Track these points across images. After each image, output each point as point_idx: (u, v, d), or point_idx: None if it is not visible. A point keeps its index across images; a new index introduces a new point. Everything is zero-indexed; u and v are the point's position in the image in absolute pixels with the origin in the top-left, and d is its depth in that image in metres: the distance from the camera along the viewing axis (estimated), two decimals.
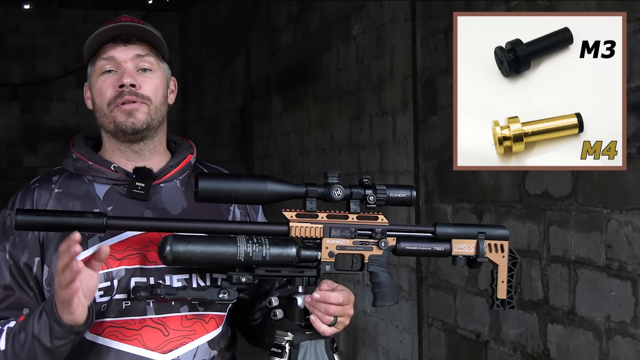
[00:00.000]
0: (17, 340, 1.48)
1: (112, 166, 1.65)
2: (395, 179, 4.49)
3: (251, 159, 7.55)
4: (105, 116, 1.64)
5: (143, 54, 1.64)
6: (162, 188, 1.66)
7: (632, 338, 2.67)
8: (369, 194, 1.54)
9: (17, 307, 1.57)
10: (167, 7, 9.96)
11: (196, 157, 1.76)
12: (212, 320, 1.65)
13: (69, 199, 1.61)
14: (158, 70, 1.67)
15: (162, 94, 1.67)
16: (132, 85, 1.60)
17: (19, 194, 1.64)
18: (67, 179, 1.65)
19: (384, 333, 4.75)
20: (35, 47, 9.82)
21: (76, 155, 1.67)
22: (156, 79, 1.65)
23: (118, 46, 1.63)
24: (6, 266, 1.58)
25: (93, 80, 1.66)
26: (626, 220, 2.68)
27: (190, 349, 1.61)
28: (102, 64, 1.63)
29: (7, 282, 1.58)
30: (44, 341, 1.45)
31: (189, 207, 1.67)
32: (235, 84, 8.12)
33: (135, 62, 1.63)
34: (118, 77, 1.62)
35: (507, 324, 3.40)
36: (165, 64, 1.71)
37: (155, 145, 1.69)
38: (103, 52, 1.63)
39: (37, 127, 9.84)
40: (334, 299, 1.53)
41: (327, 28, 5.48)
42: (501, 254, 1.63)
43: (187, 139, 1.80)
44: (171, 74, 1.74)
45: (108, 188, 1.63)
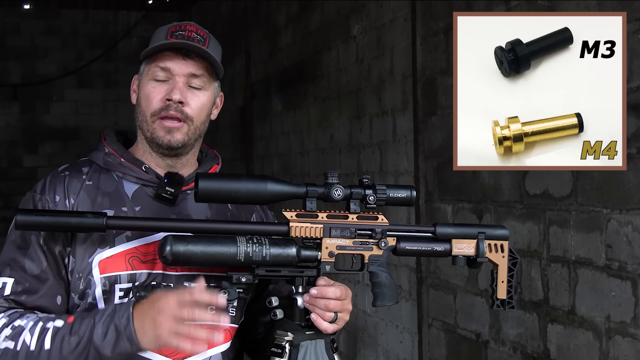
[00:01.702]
0: (67, 343, 1.46)
1: (143, 166, 1.65)
2: (395, 179, 4.49)
3: (251, 159, 7.55)
4: (146, 123, 1.64)
5: (198, 73, 1.64)
6: (189, 195, 1.66)
7: (632, 338, 2.67)
8: (369, 194, 1.54)
9: (52, 295, 1.56)
10: (167, 7, 9.95)
11: (221, 167, 1.77)
12: (226, 332, 1.65)
13: (99, 193, 1.61)
14: (208, 89, 1.67)
15: (207, 113, 1.68)
16: (179, 101, 1.61)
17: (47, 179, 1.62)
18: (97, 172, 1.64)
19: (384, 333, 4.75)
20: (35, 47, 9.81)
21: (108, 149, 1.66)
22: (204, 97, 1.66)
23: (176, 58, 1.62)
24: (41, 251, 1.56)
25: (143, 82, 1.65)
26: (626, 220, 2.68)
27: (204, 358, 1.61)
28: (155, 71, 1.63)
29: (44, 266, 1.55)
30: (105, 352, 1.44)
31: (212, 216, 1.68)
32: (235, 84, 8.12)
33: (188, 78, 1.63)
34: (168, 88, 1.61)
35: (507, 324, 3.40)
36: (217, 82, 1.71)
37: (188, 159, 1.70)
38: (160, 59, 1.62)
39: (37, 127, 9.84)
40: (332, 293, 1.53)
41: (327, 28, 5.48)
42: (501, 254, 1.64)
43: (213, 149, 1.82)
44: (220, 91, 1.74)
45: (137, 187, 1.63)
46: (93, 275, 1.55)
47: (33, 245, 1.55)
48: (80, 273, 1.56)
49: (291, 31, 6.30)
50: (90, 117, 9.72)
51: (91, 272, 1.55)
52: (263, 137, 7.19)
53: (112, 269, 1.55)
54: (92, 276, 1.55)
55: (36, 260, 1.55)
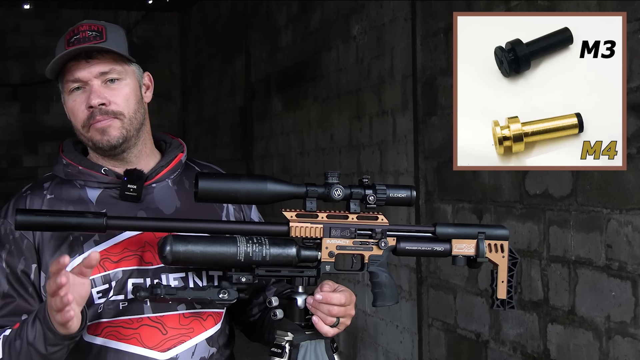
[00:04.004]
0: (14, 348, 1.50)
1: (102, 169, 1.65)
2: (395, 179, 4.49)
3: (251, 159, 7.55)
4: (82, 135, 1.65)
5: (107, 69, 1.62)
6: (154, 188, 1.66)
7: (632, 338, 2.67)
8: (369, 194, 1.54)
9: (17, 313, 1.58)
10: (167, 7, 9.96)
11: (187, 155, 1.76)
12: (210, 317, 1.65)
13: (62, 204, 1.61)
14: (127, 76, 1.65)
15: (135, 100, 1.65)
16: (101, 104, 1.60)
17: (11, 202, 1.64)
18: (58, 184, 1.65)
19: (384, 333, 4.75)
20: (35, 47, 9.81)
21: (66, 160, 1.67)
22: (125, 88, 1.64)
23: (80, 64, 1.61)
24: (3, 274, 1.58)
25: (64, 98, 1.66)
26: (626, 220, 2.68)
27: (188, 347, 1.61)
28: (69, 85, 1.63)
29: (5, 290, 1.58)
30: (39, 348, 1.46)
31: (182, 206, 1.67)
32: (235, 84, 8.11)
33: (100, 78, 1.62)
34: (87, 95, 1.61)
35: (507, 324, 3.40)
36: (135, 65, 1.67)
37: (140, 150, 1.68)
38: (68, 72, 1.62)
39: (37, 127, 9.84)
40: (337, 299, 1.53)
41: (327, 28, 5.48)
42: (501, 254, 1.63)
43: (177, 138, 1.80)
44: (143, 71, 1.70)
45: (100, 192, 1.64)
46: None
47: None
48: None
49: (291, 31, 6.30)
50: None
51: None
52: (263, 137, 7.19)
53: None
54: None
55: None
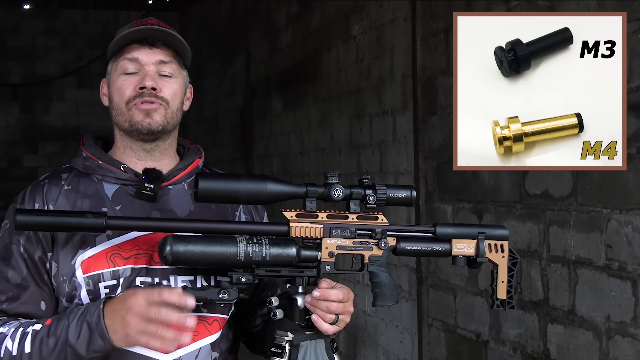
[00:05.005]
0: (46, 345, 1.48)
1: (121, 166, 1.65)
2: (395, 179, 4.49)
3: (251, 159, 7.55)
4: (122, 114, 1.64)
5: (167, 60, 1.65)
6: (170, 190, 1.67)
7: (632, 338, 2.67)
8: (369, 194, 1.54)
9: (34, 301, 1.58)
10: (167, 7, 9.96)
11: (204, 161, 1.77)
12: (215, 322, 1.65)
13: (78, 196, 1.62)
14: (178, 77, 1.69)
15: (180, 100, 1.69)
16: (153, 88, 1.62)
17: (28, 189, 1.65)
18: (76, 177, 1.65)
19: (384, 333, 4.75)
20: (35, 47, 9.81)
21: (86, 154, 1.67)
22: (176, 85, 1.67)
23: (143, 48, 1.64)
24: (22, 259, 1.58)
25: (113, 78, 1.67)
26: (626, 220, 2.68)
27: (192, 350, 1.61)
28: (124, 64, 1.65)
29: (24, 274, 1.58)
30: (80, 351, 1.46)
31: (195, 210, 1.67)
32: (235, 84, 8.11)
33: (157, 66, 1.65)
34: (139, 78, 1.63)
35: (507, 324, 3.40)
36: (185, 72, 1.72)
37: (167, 148, 1.70)
38: (127, 52, 1.65)
39: (37, 127, 9.84)
40: (334, 296, 1.53)
41: (327, 28, 5.48)
42: (501, 254, 1.63)
43: (195, 143, 1.82)
44: (189, 82, 1.75)
45: (117, 188, 1.64)
46: (77, 277, 1.57)
47: (15, 254, 1.58)
48: (65, 276, 1.57)
49: (291, 31, 6.30)
50: (90, 117, 9.71)
51: (75, 274, 1.57)
52: (263, 137, 7.19)
53: (95, 268, 1.57)
54: (76, 277, 1.57)
55: (17, 269, 1.57)
